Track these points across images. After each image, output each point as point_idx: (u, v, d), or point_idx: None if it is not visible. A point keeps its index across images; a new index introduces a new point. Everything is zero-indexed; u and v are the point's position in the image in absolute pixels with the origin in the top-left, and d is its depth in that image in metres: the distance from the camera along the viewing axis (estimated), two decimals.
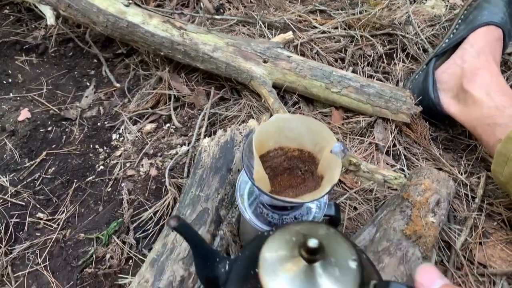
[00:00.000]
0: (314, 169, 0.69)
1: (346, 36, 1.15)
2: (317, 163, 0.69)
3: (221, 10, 1.28)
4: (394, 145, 0.97)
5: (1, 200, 0.96)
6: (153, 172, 0.99)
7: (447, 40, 1.02)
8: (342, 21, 1.17)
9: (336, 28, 1.17)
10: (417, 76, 1.02)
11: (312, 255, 0.40)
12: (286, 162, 0.71)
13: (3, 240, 0.90)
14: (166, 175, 0.95)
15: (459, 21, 1.03)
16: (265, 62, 1.00)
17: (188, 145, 1.02)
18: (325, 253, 0.41)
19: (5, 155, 1.03)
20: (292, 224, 0.42)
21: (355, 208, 0.89)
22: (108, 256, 0.87)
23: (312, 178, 0.69)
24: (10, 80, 1.18)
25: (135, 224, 0.91)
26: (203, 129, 1.03)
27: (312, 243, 0.39)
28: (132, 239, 0.89)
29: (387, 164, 0.94)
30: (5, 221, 0.93)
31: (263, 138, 0.67)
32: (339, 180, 0.91)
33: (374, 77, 1.09)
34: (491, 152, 0.85)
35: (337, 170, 0.63)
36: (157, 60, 1.16)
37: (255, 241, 0.52)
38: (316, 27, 1.17)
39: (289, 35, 1.05)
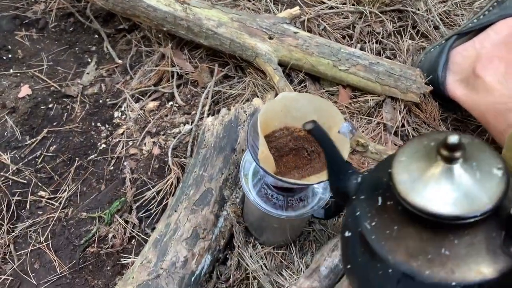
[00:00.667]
0: (320, 150, 0.68)
1: (355, 12, 1.11)
2: None
3: None
4: (403, 126, 0.94)
5: (2, 178, 0.95)
6: (156, 151, 0.98)
7: (475, 20, 0.97)
8: None
9: (345, 3, 1.13)
10: (432, 49, 0.99)
11: (451, 152, 0.38)
12: (292, 142, 0.69)
13: (5, 218, 0.90)
14: (169, 154, 0.93)
15: (495, 3, 0.96)
16: (270, 38, 0.97)
17: (191, 124, 1.00)
18: (467, 155, 0.39)
19: (5, 132, 1.02)
20: (429, 133, 0.41)
21: None
22: (110, 235, 0.86)
23: (318, 159, 0.67)
24: (10, 56, 1.16)
25: (137, 204, 0.90)
26: (207, 108, 1.01)
27: (453, 138, 0.37)
28: (135, 218, 0.88)
29: (395, 145, 0.91)
30: (7, 199, 0.92)
31: (268, 118, 0.65)
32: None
33: (382, 55, 1.06)
34: (500, 139, 0.83)
35: (344, 151, 0.61)
36: (159, 36, 1.13)
37: (386, 160, 0.51)
38: (324, 2, 1.13)
39: (295, 10, 1.01)
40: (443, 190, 0.39)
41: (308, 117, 0.66)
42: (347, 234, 0.46)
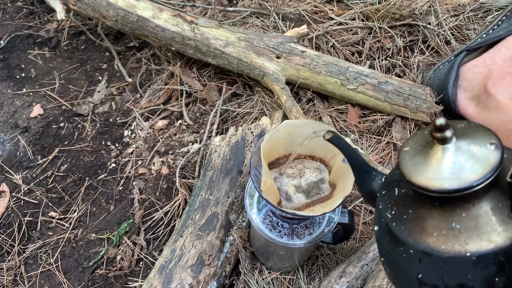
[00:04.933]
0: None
1: (364, 28, 1.10)
2: (329, 170, 0.67)
3: (234, 1, 1.24)
4: None
5: (14, 199, 0.96)
6: (165, 170, 0.98)
7: (484, 35, 0.95)
8: (360, 12, 1.12)
9: (354, 19, 1.12)
10: (441, 66, 0.97)
11: (442, 133, 0.42)
12: None
13: (17, 239, 0.91)
14: (177, 175, 0.93)
15: (503, 17, 0.94)
16: (278, 57, 0.96)
17: (199, 143, 1.00)
18: (461, 136, 0.43)
19: (18, 152, 1.03)
20: (430, 126, 0.45)
21: (371, 212, 0.86)
22: (119, 257, 0.86)
23: None
24: (23, 75, 1.18)
25: (146, 225, 0.90)
26: (215, 126, 1.01)
27: (440, 120, 0.41)
28: (143, 240, 0.88)
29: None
30: (18, 220, 0.93)
31: (272, 145, 0.64)
32: (354, 182, 0.88)
33: (392, 72, 1.04)
34: None
35: (349, 180, 0.60)
36: (168, 54, 1.14)
37: None
38: (333, 19, 1.12)
39: (303, 29, 1.01)
40: (441, 168, 0.42)
41: (312, 144, 0.65)
42: (376, 228, 0.51)
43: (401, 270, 0.47)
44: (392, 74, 1.03)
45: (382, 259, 0.50)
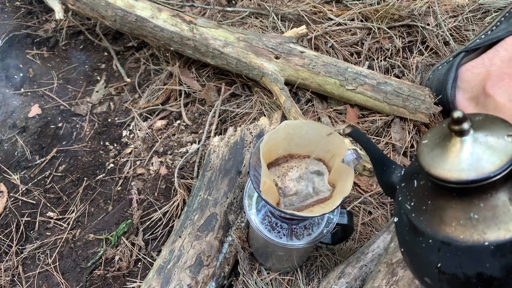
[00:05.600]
0: None
1: (363, 29, 1.10)
2: (328, 170, 0.66)
3: (233, 1, 1.24)
4: (412, 146, 0.92)
5: (12, 199, 0.96)
6: (163, 171, 0.98)
7: (483, 36, 0.95)
8: (359, 12, 1.12)
9: (353, 20, 1.12)
10: (440, 67, 0.97)
11: (460, 125, 0.42)
12: None
13: (14, 239, 0.91)
14: (176, 175, 0.93)
15: (502, 18, 0.94)
16: (277, 58, 0.96)
17: (198, 143, 1.00)
18: (478, 128, 0.43)
19: (16, 152, 1.03)
20: (447, 119, 0.45)
21: (370, 213, 0.86)
22: (117, 258, 0.86)
23: None
24: (21, 75, 1.17)
25: (144, 226, 0.90)
26: (214, 127, 1.01)
27: (457, 113, 0.42)
28: (141, 240, 0.88)
29: (404, 166, 0.90)
30: (16, 220, 0.93)
31: (271, 146, 0.64)
32: (354, 182, 0.88)
33: (391, 72, 1.04)
34: None
35: (348, 181, 0.60)
36: (167, 54, 1.13)
37: None
38: (332, 19, 1.12)
39: (302, 29, 1.01)
40: (459, 159, 0.43)
41: (312, 144, 0.65)
42: (395, 219, 0.52)
43: (421, 259, 0.48)
44: (391, 75, 1.03)
45: (402, 250, 0.51)
